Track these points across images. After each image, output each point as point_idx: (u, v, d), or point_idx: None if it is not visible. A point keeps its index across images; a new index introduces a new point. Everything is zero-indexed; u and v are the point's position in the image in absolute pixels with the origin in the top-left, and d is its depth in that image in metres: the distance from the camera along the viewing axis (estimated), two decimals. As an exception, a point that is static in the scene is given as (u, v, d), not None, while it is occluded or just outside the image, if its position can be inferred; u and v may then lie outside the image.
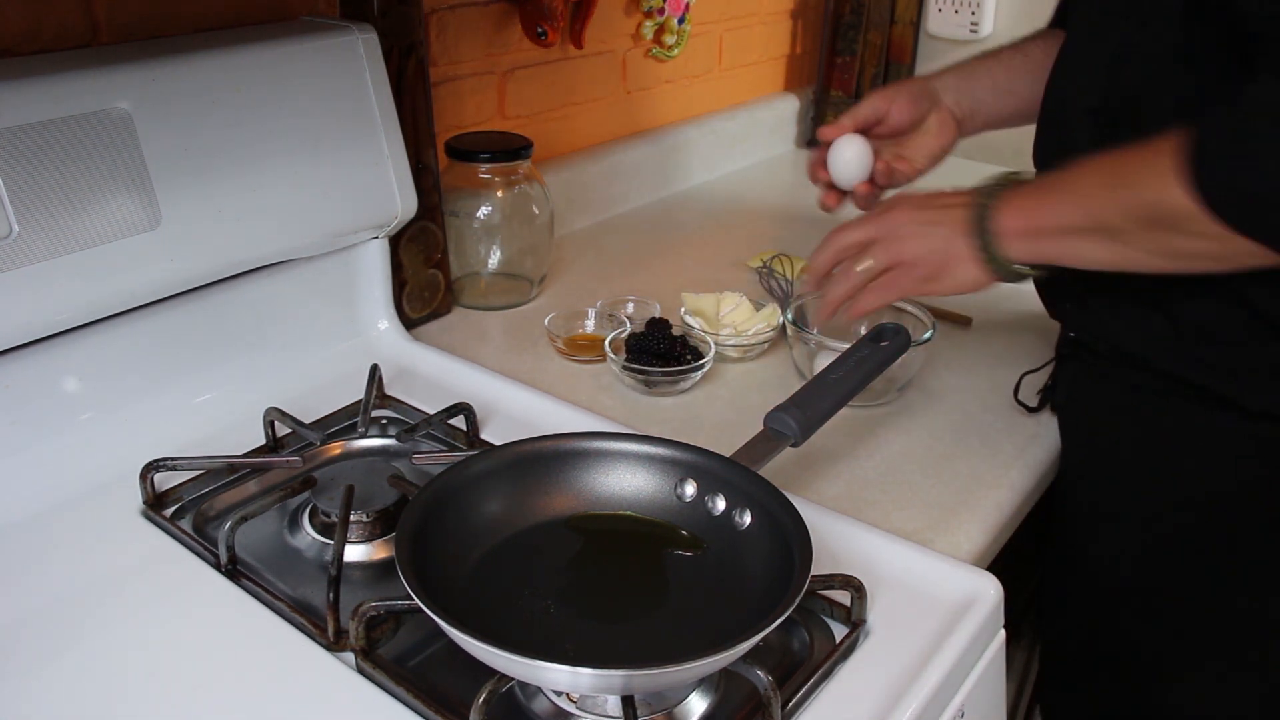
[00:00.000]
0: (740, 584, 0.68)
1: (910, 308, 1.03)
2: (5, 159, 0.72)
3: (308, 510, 0.79)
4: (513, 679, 0.59)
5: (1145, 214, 0.69)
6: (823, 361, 0.91)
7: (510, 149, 1.11)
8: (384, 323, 1.05)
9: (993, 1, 1.70)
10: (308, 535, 0.78)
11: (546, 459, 0.74)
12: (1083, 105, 0.83)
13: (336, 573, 0.68)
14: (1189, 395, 0.81)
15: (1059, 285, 0.89)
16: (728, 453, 0.74)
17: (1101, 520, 0.90)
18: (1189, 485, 0.83)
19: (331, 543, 0.74)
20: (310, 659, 0.65)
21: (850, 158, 0.92)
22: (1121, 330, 0.84)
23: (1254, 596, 0.83)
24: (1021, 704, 1.31)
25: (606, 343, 1.01)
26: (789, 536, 0.65)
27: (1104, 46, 0.81)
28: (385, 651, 0.66)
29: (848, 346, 0.86)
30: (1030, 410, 0.98)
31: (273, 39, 0.88)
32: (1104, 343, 0.87)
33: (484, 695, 0.58)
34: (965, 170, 0.95)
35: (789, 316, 1.01)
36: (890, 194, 0.90)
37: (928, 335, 0.97)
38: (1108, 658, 0.92)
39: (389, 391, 0.96)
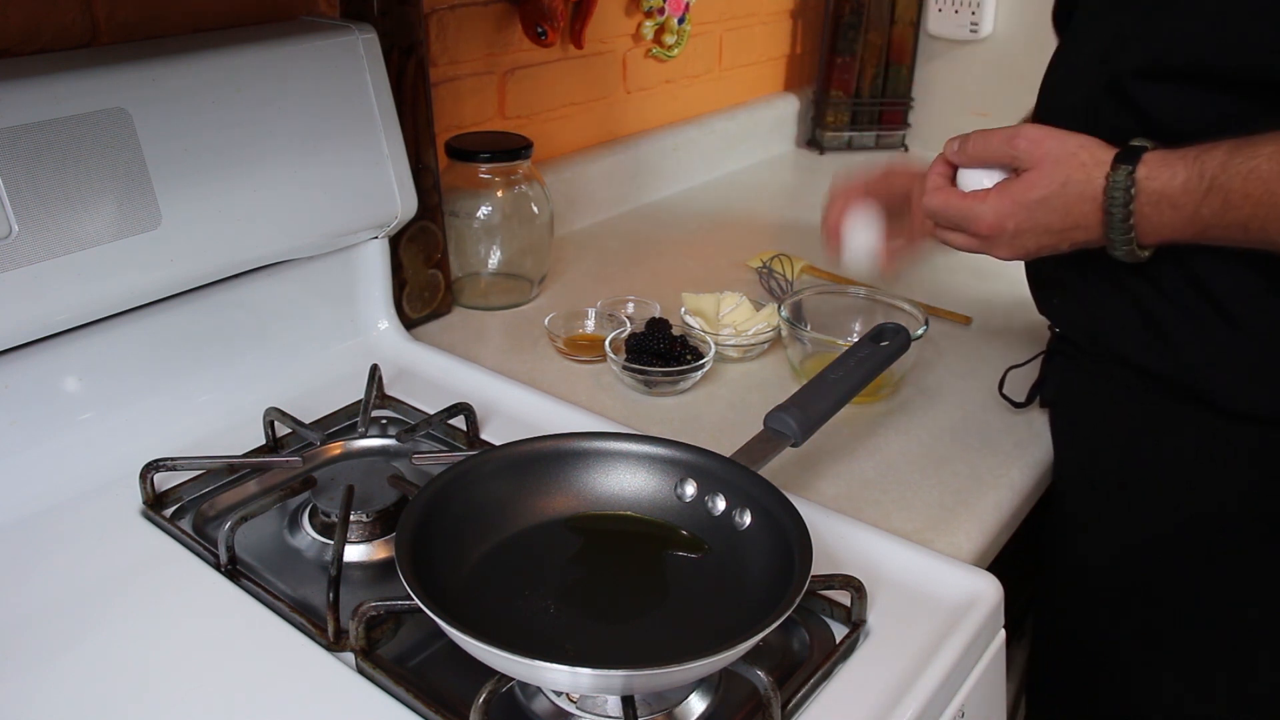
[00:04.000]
0: (740, 584, 0.68)
1: (905, 305, 1.03)
2: (5, 159, 0.72)
3: (308, 510, 0.79)
4: (513, 679, 0.59)
5: None
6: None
7: (510, 149, 1.11)
8: (384, 323, 1.05)
9: (993, 1, 1.70)
10: (308, 535, 0.78)
11: (546, 459, 0.74)
12: (1067, 101, 0.82)
13: (336, 573, 0.68)
14: (1172, 394, 0.80)
15: (1046, 278, 0.89)
16: (728, 453, 0.74)
17: (1088, 520, 0.90)
18: (1174, 487, 0.83)
19: (331, 543, 0.74)
20: (310, 659, 0.65)
21: (866, 242, 0.90)
22: (1102, 325, 0.84)
23: (1236, 600, 0.82)
24: (1021, 704, 1.31)
25: (606, 343, 1.01)
26: (789, 536, 0.65)
27: (1099, 35, 0.79)
28: (385, 651, 0.66)
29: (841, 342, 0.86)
30: (1016, 405, 0.97)
31: (273, 39, 0.88)
32: (1087, 338, 0.87)
33: (484, 695, 0.58)
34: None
35: (784, 314, 1.01)
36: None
37: (921, 331, 0.97)
38: (1091, 658, 0.92)
39: (389, 391, 0.96)
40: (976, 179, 0.79)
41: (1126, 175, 0.69)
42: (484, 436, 0.89)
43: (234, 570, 0.72)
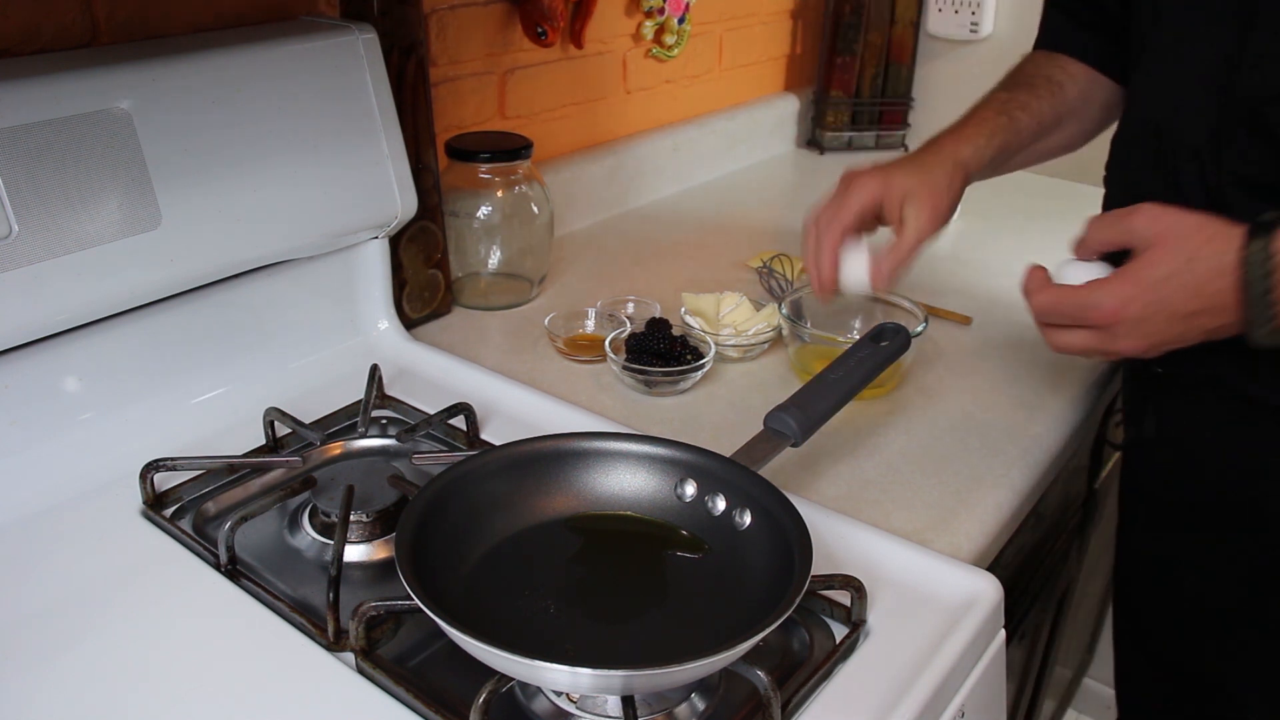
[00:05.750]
0: (740, 584, 0.68)
1: (905, 303, 1.03)
2: (5, 159, 0.72)
3: (308, 510, 0.79)
4: (513, 679, 0.59)
5: None
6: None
7: (510, 149, 1.11)
8: (384, 323, 1.05)
9: (993, 1, 1.70)
10: (308, 535, 0.78)
11: (546, 459, 0.74)
12: (1185, 140, 0.76)
13: (336, 573, 0.68)
14: None
15: None
16: (728, 453, 0.74)
17: (1209, 551, 0.88)
18: None
19: (331, 543, 0.74)
20: (310, 659, 0.65)
21: (859, 274, 0.86)
22: (1223, 362, 0.78)
23: None
24: (1022, 704, 1.31)
25: (606, 343, 1.01)
26: (789, 536, 0.65)
27: (1207, 59, 0.74)
28: (385, 651, 0.66)
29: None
30: (1116, 448, 0.96)
31: (273, 39, 0.88)
32: (1201, 374, 0.82)
33: (484, 695, 0.58)
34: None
35: (784, 311, 1.01)
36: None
37: (920, 329, 0.98)
38: (1200, 689, 0.91)
39: (389, 391, 0.96)
40: (1078, 274, 0.72)
41: (1263, 247, 0.64)
42: (484, 436, 0.89)
43: (234, 570, 0.72)
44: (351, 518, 0.75)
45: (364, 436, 0.89)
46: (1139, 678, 1.01)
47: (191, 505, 0.80)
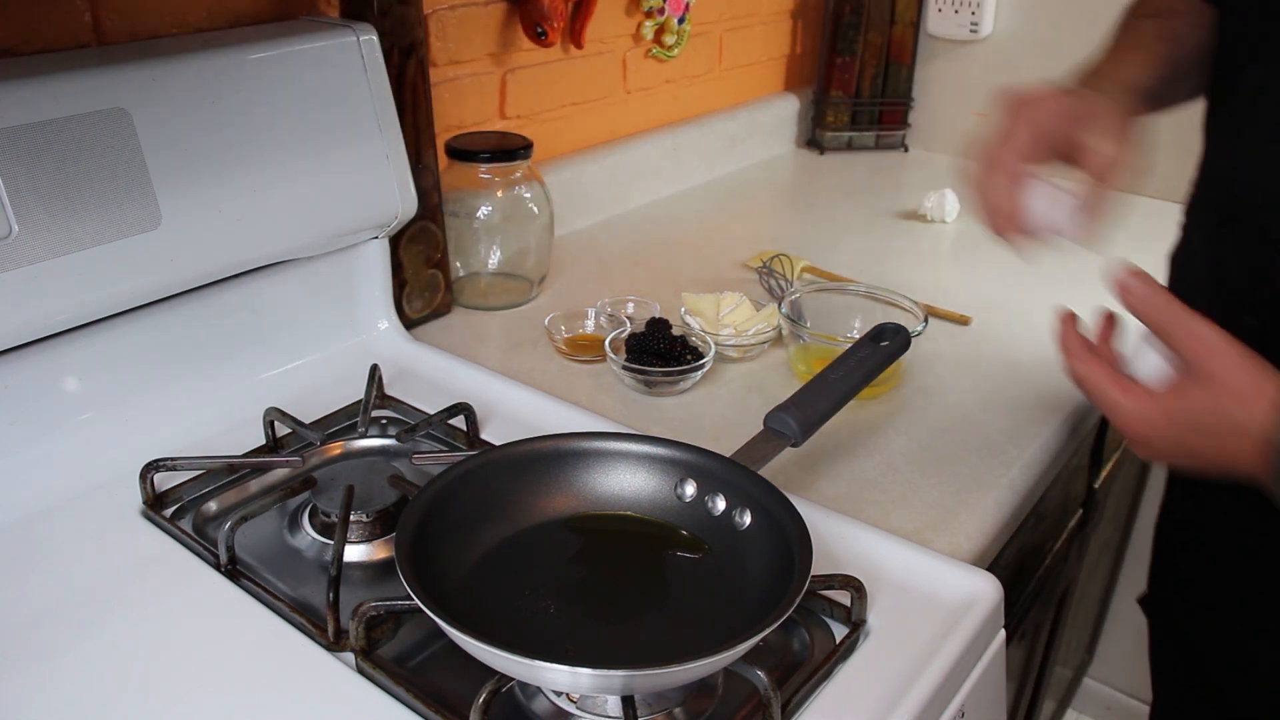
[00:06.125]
0: (740, 584, 0.68)
1: (904, 302, 1.03)
2: (5, 159, 0.72)
3: (308, 510, 0.79)
4: (513, 679, 0.59)
5: None
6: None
7: (510, 149, 1.11)
8: (384, 323, 1.05)
9: (993, 1, 1.70)
10: (308, 535, 0.78)
11: (546, 459, 0.74)
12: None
13: (336, 573, 0.68)
14: None
15: None
16: (728, 453, 0.74)
17: (1240, 597, 0.86)
18: None
19: (331, 543, 0.74)
20: (310, 659, 0.65)
21: (1057, 214, 0.70)
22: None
23: None
24: (1022, 704, 1.31)
25: (606, 343, 1.01)
26: (789, 536, 0.65)
27: None
28: (385, 651, 0.66)
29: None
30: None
31: (273, 39, 0.88)
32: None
33: (484, 695, 0.58)
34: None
35: (784, 311, 1.01)
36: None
37: (920, 329, 0.98)
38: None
39: (389, 391, 0.96)
40: (1145, 365, 0.68)
41: None
42: (484, 436, 0.89)
43: (234, 570, 0.72)
44: (351, 518, 0.75)
45: (364, 436, 0.89)
46: (1178, 685, 0.99)
47: (191, 505, 0.80)
